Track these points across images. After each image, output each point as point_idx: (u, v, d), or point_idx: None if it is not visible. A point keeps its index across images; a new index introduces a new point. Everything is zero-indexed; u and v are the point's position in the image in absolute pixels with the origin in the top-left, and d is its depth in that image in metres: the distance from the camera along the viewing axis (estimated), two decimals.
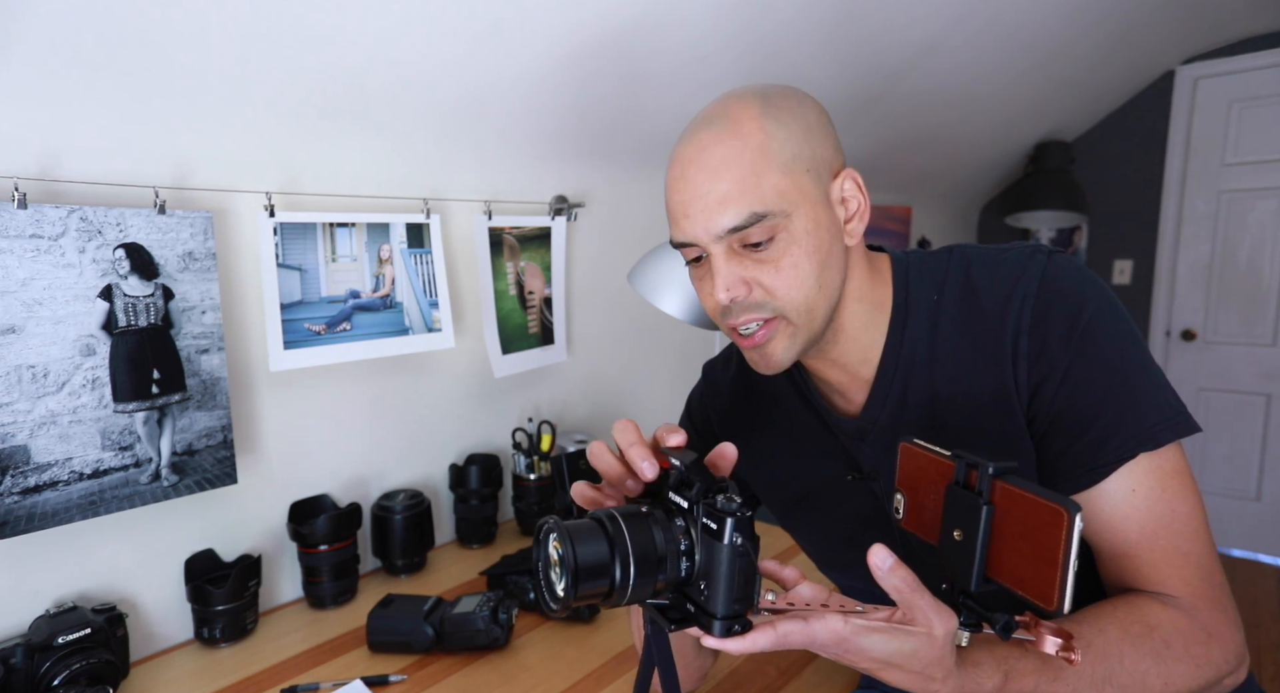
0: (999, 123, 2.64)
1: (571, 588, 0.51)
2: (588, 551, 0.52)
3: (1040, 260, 0.67)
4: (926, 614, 0.50)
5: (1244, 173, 2.77)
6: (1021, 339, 0.65)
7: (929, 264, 0.72)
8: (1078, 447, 0.63)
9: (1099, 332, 0.63)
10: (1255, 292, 2.79)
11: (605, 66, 1.30)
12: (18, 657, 0.84)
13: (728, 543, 0.50)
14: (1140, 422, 0.62)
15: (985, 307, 0.67)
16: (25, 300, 0.86)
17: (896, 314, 0.71)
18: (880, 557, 0.51)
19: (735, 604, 0.51)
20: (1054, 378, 0.64)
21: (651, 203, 1.76)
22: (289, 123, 1.09)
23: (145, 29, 0.85)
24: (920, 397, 0.71)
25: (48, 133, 0.89)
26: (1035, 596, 0.46)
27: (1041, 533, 0.45)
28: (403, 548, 1.25)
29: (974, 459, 0.50)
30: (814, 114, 0.67)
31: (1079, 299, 0.64)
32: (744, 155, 0.63)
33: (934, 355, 0.70)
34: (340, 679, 0.94)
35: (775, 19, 1.40)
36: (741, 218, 0.62)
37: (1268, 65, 2.66)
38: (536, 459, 1.41)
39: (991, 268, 0.69)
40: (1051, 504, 0.44)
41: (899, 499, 0.58)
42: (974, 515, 0.49)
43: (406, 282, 1.24)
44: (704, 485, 0.53)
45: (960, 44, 1.83)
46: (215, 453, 1.04)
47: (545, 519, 0.55)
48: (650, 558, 0.53)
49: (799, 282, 0.65)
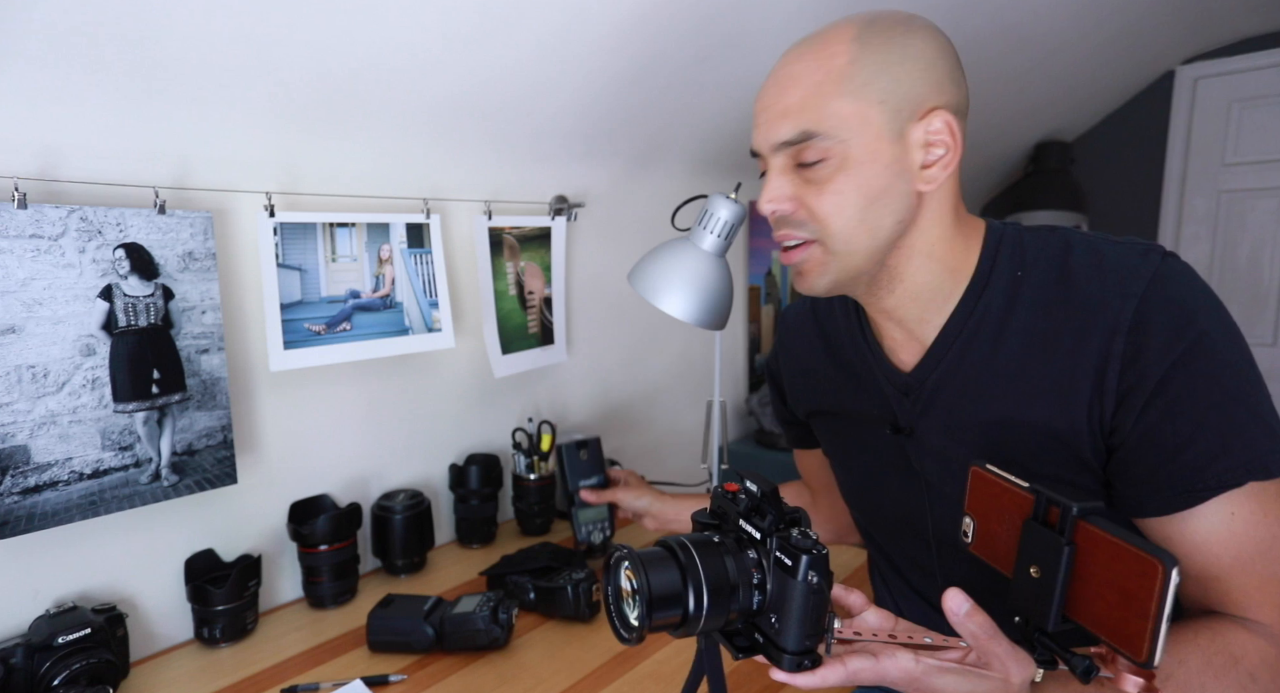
0: (999, 123, 2.64)
1: (646, 617, 0.51)
2: (660, 579, 0.51)
3: (1154, 260, 0.62)
4: (1004, 661, 0.49)
5: (1244, 173, 2.77)
6: (1117, 339, 0.60)
7: (1025, 239, 0.68)
8: (1175, 466, 0.59)
9: (1209, 347, 0.58)
10: (1255, 292, 2.79)
11: (606, 66, 1.30)
12: (18, 657, 0.84)
13: (802, 580, 0.49)
14: (1253, 447, 0.57)
15: (1077, 294, 0.63)
16: (25, 300, 0.86)
17: (975, 282, 0.68)
18: (956, 601, 0.49)
19: (806, 640, 0.51)
20: (1147, 387, 0.59)
21: (652, 203, 1.76)
22: (289, 123, 1.09)
23: (145, 29, 0.85)
24: (976, 368, 0.68)
25: (48, 133, 0.89)
26: (1121, 644, 0.44)
27: (1131, 582, 0.43)
28: (403, 548, 1.25)
29: (1055, 497, 0.48)
30: (920, 46, 0.63)
31: (1190, 309, 0.59)
32: (815, 75, 0.62)
33: (1003, 330, 0.66)
34: (340, 679, 0.94)
35: (775, 19, 1.40)
36: (794, 133, 0.63)
37: (1268, 65, 2.66)
38: (536, 459, 1.41)
39: (1095, 255, 0.64)
40: (1146, 556, 0.42)
41: (967, 523, 0.56)
42: (1054, 555, 0.47)
43: (406, 282, 1.24)
44: (777, 517, 0.52)
45: (960, 44, 1.83)
46: (215, 453, 1.04)
47: (618, 548, 0.54)
48: (723, 588, 0.52)
49: (839, 209, 0.64)
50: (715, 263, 1.06)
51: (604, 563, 0.56)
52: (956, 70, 0.66)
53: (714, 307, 1.07)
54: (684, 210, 1.11)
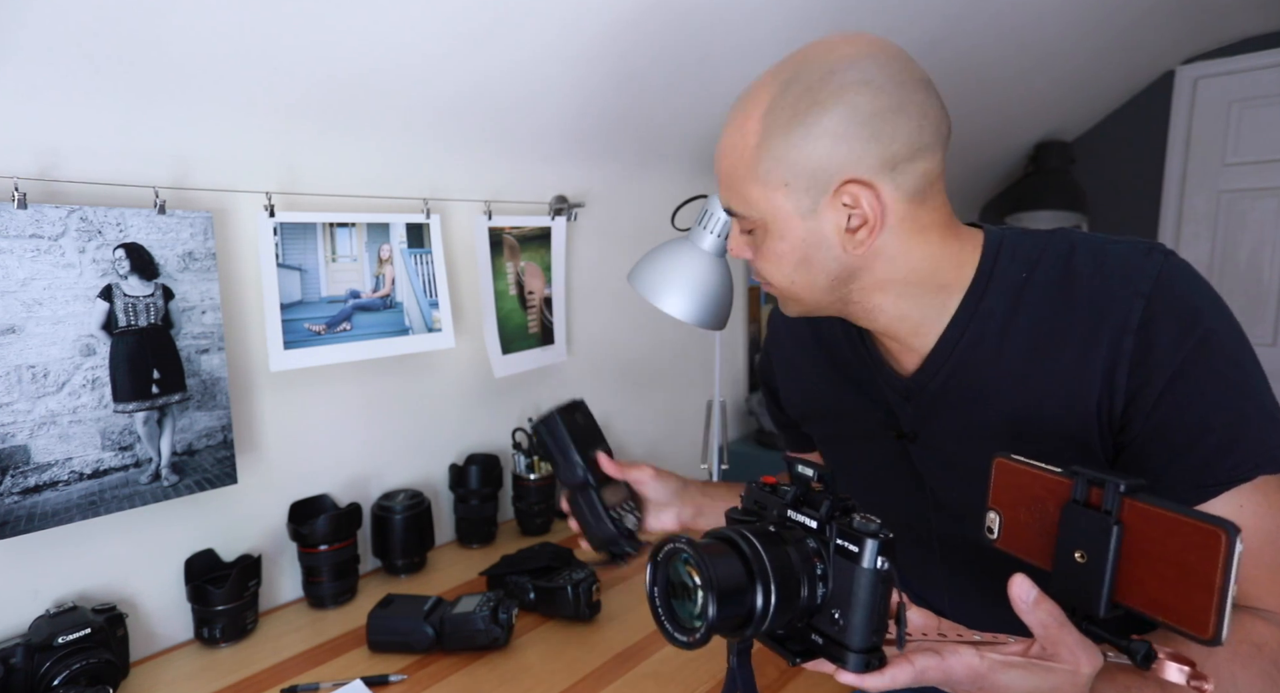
0: (999, 123, 2.63)
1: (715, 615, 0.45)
2: (724, 572, 0.46)
3: (1157, 259, 0.62)
4: (1074, 652, 0.47)
5: (1244, 173, 2.77)
6: (1126, 337, 0.60)
7: (1025, 242, 0.68)
8: (1185, 461, 0.59)
9: (1215, 343, 0.59)
10: (1255, 292, 2.79)
11: (605, 66, 1.30)
12: (18, 657, 0.84)
13: (869, 567, 0.46)
14: (1264, 441, 0.58)
15: (1083, 294, 0.63)
16: (25, 300, 0.86)
17: (975, 287, 0.67)
18: (1024, 589, 0.48)
19: (874, 635, 0.47)
20: (1156, 385, 0.59)
21: (651, 203, 1.76)
22: (289, 123, 1.09)
23: (145, 29, 0.85)
24: (982, 371, 0.68)
25: (48, 133, 0.89)
26: (1183, 622, 0.42)
27: (1190, 554, 0.41)
28: (403, 548, 1.25)
29: (1097, 476, 0.47)
30: (832, 119, 0.60)
31: (1196, 307, 0.60)
32: (731, 155, 0.66)
33: (1007, 331, 0.66)
34: (340, 679, 0.94)
35: (776, 19, 1.40)
36: (726, 206, 0.70)
37: (1268, 65, 2.66)
38: (536, 459, 1.41)
39: (1098, 255, 0.64)
40: (1206, 525, 0.41)
41: (992, 518, 0.54)
42: (1102, 537, 0.46)
43: (406, 282, 1.24)
44: (834, 502, 0.49)
45: (960, 44, 1.83)
46: (215, 453, 1.04)
47: (672, 539, 0.49)
48: (791, 581, 0.48)
49: (775, 270, 0.69)
50: (715, 263, 1.06)
51: (651, 556, 0.50)
52: (887, 124, 0.60)
53: (714, 307, 1.07)
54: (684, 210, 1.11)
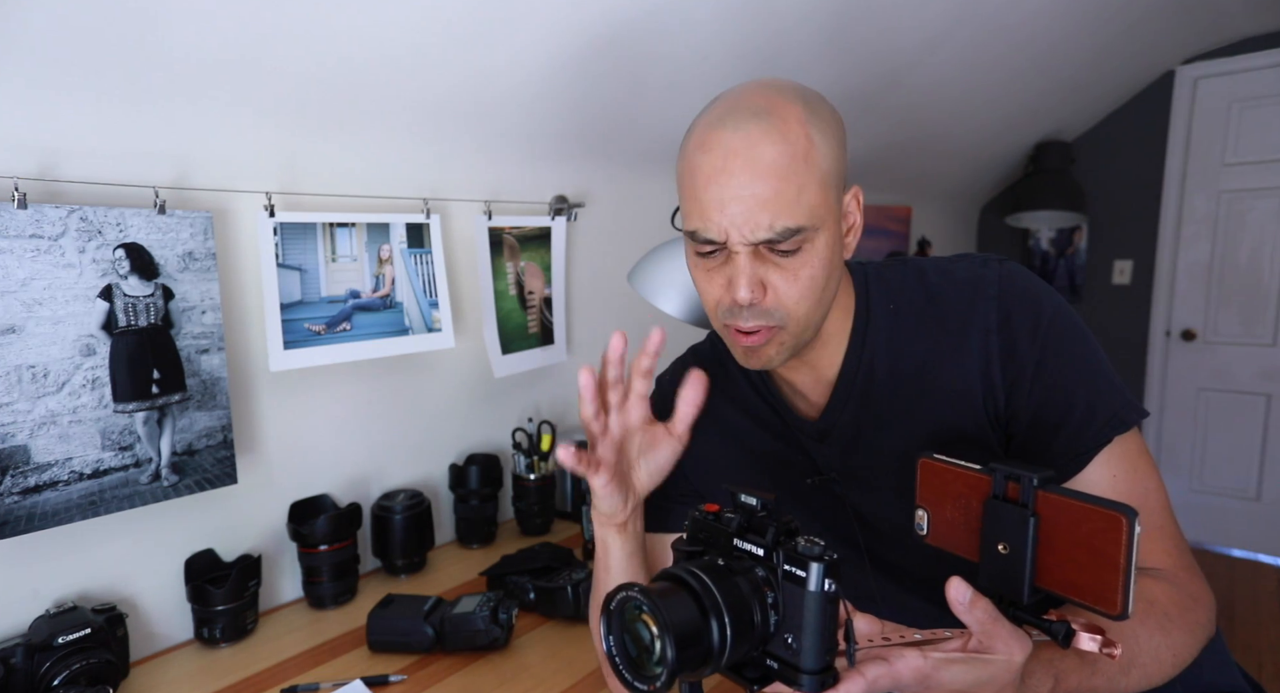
0: (999, 123, 2.64)
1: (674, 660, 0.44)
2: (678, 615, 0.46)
3: (994, 267, 0.70)
4: (1008, 642, 0.50)
5: (1244, 173, 2.77)
6: (991, 338, 0.67)
7: (885, 274, 0.75)
8: (1062, 437, 0.66)
9: (1060, 326, 0.67)
10: (1255, 292, 2.79)
11: (606, 66, 1.30)
12: (18, 657, 0.84)
13: (815, 590, 0.47)
14: (1111, 407, 0.65)
15: (946, 311, 0.70)
16: (25, 300, 0.86)
17: (858, 321, 0.73)
18: (960, 591, 0.50)
19: (826, 655, 0.48)
20: (1027, 373, 0.66)
21: (651, 203, 1.76)
22: (289, 123, 1.09)
23: (146, 30, 0.85)
24: (882, 398, 0.72)
25: (48, 133, 0.89)
26: (1094, 601, 0.46)
27: (1097, 539, 0.45)
28: (403, 548, 1.25)
29: (1013, 471, 0.50)
30: (840, 126, 0.66)
31: (1036, 297, 0.68)
32: (792, 163, 0.60)
33: (894, 359, 0.72)
34: (340, 679, 0.94)
35: (778, 19, 1.40)
36: (778, 231, 0.60)
37: (1268, 65, 2.66)
38: (536, 459, 1.41)
39: (946, 274, 0.72)
40: (1108, 511, 0.45)
41: (921, 515, 0.57)
42: (1021, 528, 0.49)
43: (406, 282, 1.24)
44: (778, 528, 0.50)
45: (960, 44, 1.83)
46: (215, 453, 1.04)
47: (622, 588, 0.48)
48: (745, 614, 0.47)
49: (810, 293, 0.64)
50: None
51: (604, 606, 0.49)
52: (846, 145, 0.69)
53: None
54: None
